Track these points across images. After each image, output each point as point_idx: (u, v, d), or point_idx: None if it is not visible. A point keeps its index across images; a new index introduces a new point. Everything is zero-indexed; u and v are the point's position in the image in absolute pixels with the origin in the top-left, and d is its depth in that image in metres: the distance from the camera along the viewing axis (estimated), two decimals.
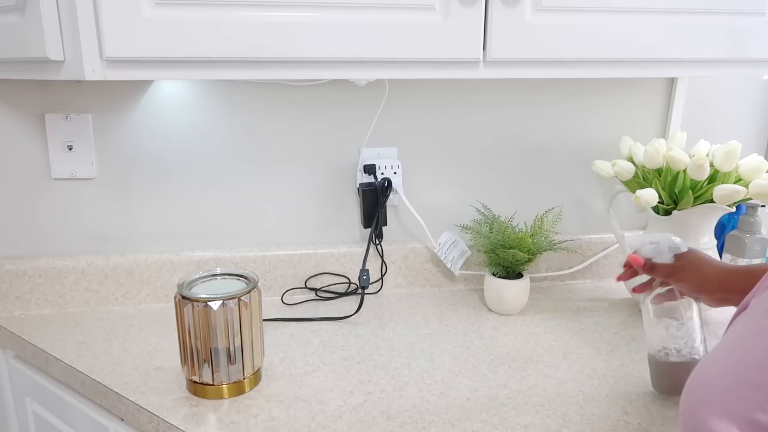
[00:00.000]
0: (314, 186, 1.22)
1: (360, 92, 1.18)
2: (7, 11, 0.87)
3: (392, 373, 0.92)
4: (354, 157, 1.22)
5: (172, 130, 1.15)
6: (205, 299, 0.81)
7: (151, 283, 1.18)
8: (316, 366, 0.94)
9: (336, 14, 0.84)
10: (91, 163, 1.14)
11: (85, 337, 1.04)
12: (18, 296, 1.14)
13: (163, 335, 1.05)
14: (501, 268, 1.14)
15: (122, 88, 1.12)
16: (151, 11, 0.80)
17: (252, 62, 0.85)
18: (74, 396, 0.97)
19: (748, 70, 0.98)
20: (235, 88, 1.15)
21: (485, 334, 1.05)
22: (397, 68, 0.89)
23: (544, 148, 1.28)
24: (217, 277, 0.89)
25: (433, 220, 1.26)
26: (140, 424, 0.84)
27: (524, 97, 1.24)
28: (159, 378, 0.91)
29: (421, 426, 0.79)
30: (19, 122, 1.11)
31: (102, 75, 0.82)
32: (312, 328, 1.08)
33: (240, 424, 0.79)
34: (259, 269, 1.21)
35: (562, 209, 1.32)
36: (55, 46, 0.82)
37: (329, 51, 0.85)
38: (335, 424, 0.79)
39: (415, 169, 1.25)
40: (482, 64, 0.90)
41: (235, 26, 0.82)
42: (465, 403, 0.84)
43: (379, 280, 1.25)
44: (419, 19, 0.86)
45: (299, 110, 1.18)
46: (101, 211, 1.17)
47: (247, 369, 0.85)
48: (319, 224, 1.25)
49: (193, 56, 0.83)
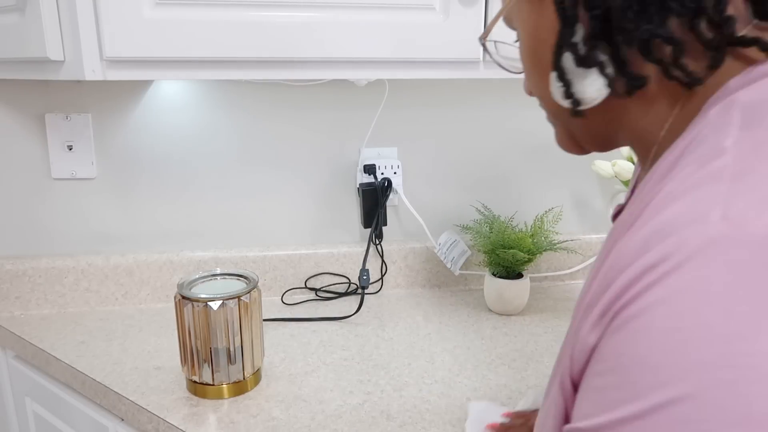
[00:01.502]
0: (314, 186, 1.22)
1: (360, 92, 1.18)
2: (7, 11, 0.87)
3: (392, 373, 0.92)
4: (354, 157, 1.22)
5: (172, 130, 1.15)
6: (205, 299, 0.81)
7: (151, 283, 1.18)
8: (316, 366, 0.94)
9: (336, 14, 0.84)
10: (91, 163, 1.14)
11: (85, 337, 1.04)
12: (18, 296, 1.14)
13: (163, 335, 1.05)
14: (501, 268, 1.14)
15: (122, 88, 1.12)
16: (151, 11, 0.80)
17: (252, 62, 0.85)
18: (74, 396, 0.97)
19: None
20: (235, 88, 1.15)
21: (485, 334, 1.05)
22: (397, 68, 0.89)
23: (544, 148, 1.28)
24: (217, 277, 0.89)
25: (433, 220, 1.26)
26: (140, 424, 0.84)
27: (524, 97, 1.24)
28: (159, 378, 0.91)
29: (421, 426, 0.79)
30: (19, 122, 1.11)
31: (102, 75, 0.83)
32: (312, 328, 1.08)
33: (240, 424, 0.79)
34: (259, 269, 1.21)
35: (562, 209, 1.32)
36: (55, 46, 0.82)
37: (329, 51, 0.85)
38: (335, 424, 0.79)
39: (415, 169, 1.25)
40: (482, 64, 0.90)
41: (235, 26, 0.82)
42: (465, 403, 0.84)
43: (379, 280, 1.25)
44: (419, 19, 0.86)
45: (299, 110, 1.18)
46: (101, 211, 1.17)
47: (247, 369, 0.85)
48: (319, 224, 1.25)
49: (193, 56, 0.83)
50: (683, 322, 0.31)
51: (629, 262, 0.34)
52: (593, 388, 0.36)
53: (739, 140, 0.35)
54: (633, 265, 0.34)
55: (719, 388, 0.30)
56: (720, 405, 0.29)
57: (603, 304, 0.35)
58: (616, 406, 0.33)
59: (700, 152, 0.36)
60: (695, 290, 0.31)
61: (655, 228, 0.34)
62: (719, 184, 0.33)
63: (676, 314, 0.31)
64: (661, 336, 0.31)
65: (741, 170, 0.33)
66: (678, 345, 0.31)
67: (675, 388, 0.30)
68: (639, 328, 0.33)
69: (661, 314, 0.32)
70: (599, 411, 0.34)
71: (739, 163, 0.34)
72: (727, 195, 0.32)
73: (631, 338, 0.33)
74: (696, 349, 0.30)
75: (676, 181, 0.35)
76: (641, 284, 0.33)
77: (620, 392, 0.33)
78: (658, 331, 0.32)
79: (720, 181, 0.33)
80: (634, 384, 0.32)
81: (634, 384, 0.32)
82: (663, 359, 0.31)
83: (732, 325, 0.30)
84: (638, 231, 0.35)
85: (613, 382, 0.34)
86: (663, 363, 0.31)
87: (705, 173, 0.34)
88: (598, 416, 0.34)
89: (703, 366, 0.30)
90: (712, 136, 0.36)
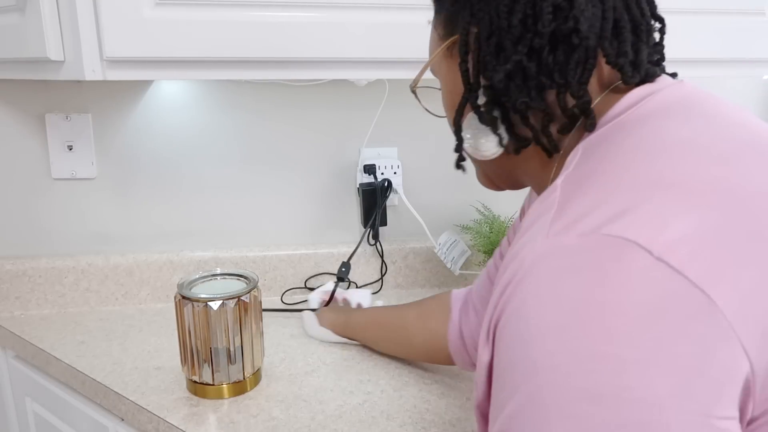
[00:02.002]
0: (314, 186, 1.22)
1: (360, 92, 1.18)
2: (7, 11, 0.87)
3: (392, 373, 0.92)
4: (354, 157, 1.22)
5: (173, 130, 1.15)
6: (205, 299, 0.81)
7: (151, 283, 1.18)
8: (316, 366, 0.94)
9: (336, 14, 0.84)
10: (91, 163, 1.14)
11: (85, 337, 1.04)
12: (18, 296, 1.14)
13: (163, 335, 1.05)
14: None
15: (122, 88, 1.12)
16: (151, 11, 0.80)
17: (252, 62, 0.85)
18: (74, 396, 0.97)
19: (747, 70, 0.98)
20: (235, 88, 1.15)
21: None
22: (397, 68, 0.89)
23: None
24: (218, 277, 0.89)
25: (433, 220, 1.26)
26: (140, 424, 0.84)
27: None
28: (159, 378, 0.91)
29: (421, 426, 0.79)
30: (19, 122, 1.11)
31: (102, 75, 0.83)
32: None
33: (240, 424, 0.79)
34: (259, 269, 1.21)
35: None
36: (55, 46, 0.82)
37: (329, 51, 0.85)
38: (335, 424, 0.79)
39: (415, 169, 1.25)
40: None
41: (235, 26, 0.82)
42: (465, 403, 0.84)
43: (379, 280, 1.25)
44: (419, 19, 0.86)
45: (299, 110, 1.18)
46: (101, 211, 1.17)
47: (247, 369, 0.85)
48: (320, 224, 1.25)
49: (193, 56, 0.83)
50: (528, 323, 0.38)
51: (497, 284, 0.43)
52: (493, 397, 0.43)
53: (567, 178, 0.44)
54: (498, 285, 0.42)
55: (559, 371, 0.36)
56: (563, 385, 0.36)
57: (485, 324, 0.44)
58: (504, 406, 0.40)
59: (545, 192, 0.46)
60: (532, 297, 0.39)
61: (512, 254, 0.43)
62: (548, 213, 0.42)
63: (522, 319, 0.39)
64: (516, 341, 0.39)
65: (564, 200, 0.42)
66: (527, 343, 0.38)
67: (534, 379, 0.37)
68: (504, 337, 0.40)
69: (515, 322, 0.39)
70: (496, 415, 0.41)
71: (563, 195, 0.43)
72: (552, 220, 0.41)
73: (502, 347, 0.41)
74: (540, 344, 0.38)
75: (527, 217, 0.45)
76: (502, 301, 0.41)
77: (503, 393, 0.40)
78: (514, 337, 0.39)
79: (549, 210, 0.42)
80: (509, 383, 0.40)
81: (509, 383, 0.40)
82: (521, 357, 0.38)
83: (560, 320, 0.37)
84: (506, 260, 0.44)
85: (498, 386, 0.41)
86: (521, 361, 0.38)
87: (543, 207, 0.44)
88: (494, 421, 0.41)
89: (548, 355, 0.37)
90: (555, 180, 0.46)
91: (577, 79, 0.47)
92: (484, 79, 0.50)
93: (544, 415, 0.37)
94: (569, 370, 0.36)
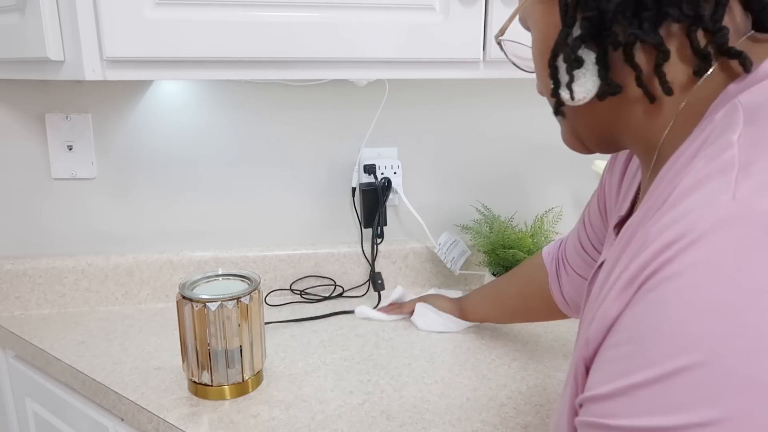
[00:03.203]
0: (314, 186, 1.22)
1: (360, 92, 1.18)
2: (7, 11, 0.87)
3: (392, 373, 0.92)
4: (354, 157, 1.22)
5: (172, 130, 1.15)
6: (204, 300, 0.81)
7: (151, 283, 1.18)
8: (316, 366, 0.94)
9: (336, 14, 0.84)
10: (91, 163, 1.14)
11: (85, 337, 1.04)
12: (18, 296, 1.14)
13: (163, 335, 1.05)
14: (501, 268, 1.14)
15: (122, 88, 1.12)
16: (151, 11, 0.80)
17: (252, 62, 0.85)
18: (74, 396, 0.97)
19: None
20: (235, 88, 1.15)
21: (485, 334, 1.05)
22: (397, 68, 0.89)
23: (544, 148, 1.28)
24: (219, 277, 0.89)
25: (433, 220, 1.26)
26: (140, 424, 0.84)
27: (524, 97, 1.24)
28: (159, 378, 0.91)
29: (421, 426, 0.79)
30: (19, 122, 1.11)
31: (102, 75, 0.83)
32: (312, 327, 1.08)
33: (240, 424, 0.79)
34: (259, 269, 1.21)
35: (562, 209, 1.32)
36: (55, 46, 0.82)
37: (329, 51, 0.85)
38: (335, 424, 0.79)
39: (415, 169, 1.25)
40: (482, 64, 0.90)
41: (236, 26, 0.82)
42: (465, 403, 0.84)
43: (366, 282, 1.25)
44: (419, 19, 0.86)
45: (299, 110, 1.18)
46: (101, 211, 1.17)
47: (248, 370, 0.85)
48: (319, 224, 1.25)
49: (193, 56, 0.83)
50: (696, 294, 0.33)
51: (650, 242, 0.37)
52: (608, 359, 0.38)
53: (744, 134, 0.38)
54: (653, 244, 0.36)
55: (728, 357, 0.31)
56: (729, 372, 0.31)
57: (624, 279, 0.38)
58: (631, 372, 0.35)
59: (711, 149, 0.39)
60: (707, 265, 0.33)
61: (673, 215, 0.36)
62: (729, 173, 0.36)
63: (689, 287, 0.33)
64: (675, 307, 0.34)
65: (747, 159, 0.36)
66: (691, 316, 0.33)
67: (688, 356, 0.32)
68: (655, 300, 0.35)
69: (676, 287, 0.34)
70: (614, 378, 0.36)
71: (744, 153, 0.36)
72: (736, 180, 0.35)
73: (648, 310, 0.35)
74: (707, 320, 0.32)
75: (689, 176, 0.38)
76: (659, 261, 0.35)
77: (635, 360, 0.35)
78: (673, 303, 0.34)
79: (729, 170, 0.36)
80: (649, 352, 0.34)
81: (649, 352, 0.34)
82: (677, 329, 0.33)
83: (741, 299, 0.32)
84: (658, 220, 0.37)
85: (629, 351, 0.36)
86: (677, 332, 0.33)
87: (715, 165, 0.37)
88: (613, 383, 0.36)
89: (714, 335, 0.32)
90: (721, 135, 0.39)
91: (710, 14, 0.40)
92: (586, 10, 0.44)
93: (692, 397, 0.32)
94: (737, 359, 0.31)
